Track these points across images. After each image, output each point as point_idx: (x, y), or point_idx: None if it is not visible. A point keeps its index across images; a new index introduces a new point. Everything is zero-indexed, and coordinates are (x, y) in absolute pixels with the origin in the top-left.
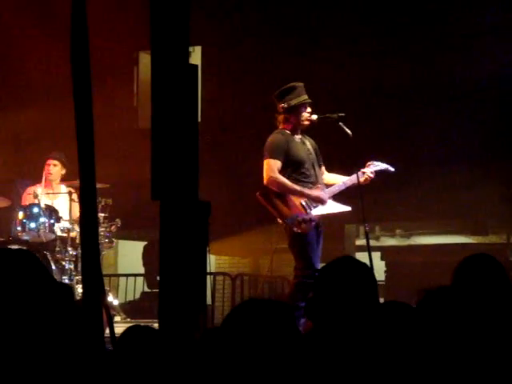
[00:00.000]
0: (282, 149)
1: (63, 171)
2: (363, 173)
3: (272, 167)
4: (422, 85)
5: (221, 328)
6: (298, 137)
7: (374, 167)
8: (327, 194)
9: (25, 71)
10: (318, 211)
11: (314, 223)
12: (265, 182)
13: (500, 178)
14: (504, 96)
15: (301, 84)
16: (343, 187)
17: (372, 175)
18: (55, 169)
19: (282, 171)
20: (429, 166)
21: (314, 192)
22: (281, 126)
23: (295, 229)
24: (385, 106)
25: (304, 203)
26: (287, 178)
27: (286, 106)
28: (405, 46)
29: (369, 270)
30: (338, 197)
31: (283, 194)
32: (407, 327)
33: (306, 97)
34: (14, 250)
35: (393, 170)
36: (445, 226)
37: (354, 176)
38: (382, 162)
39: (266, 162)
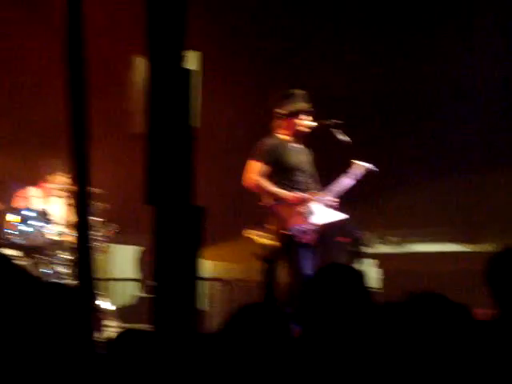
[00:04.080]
0: (269, 153)
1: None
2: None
3: (252, 168)
4: (413, 91)
5: (220, 333)
6: (294, 144)
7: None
8: (322, 203)
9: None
10: (317, 220)
11: (316, 232)
12: (243, 182)
13: (494, 186)
14: (495, 102)
15: (300, 92)
16: (334, 194)
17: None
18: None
19: (273, 176)
20: (422, 174)
21: (292, 194)
22: (277, 131)
23: (297, 239)
24: (377, 113)
25: (303, 212)
26: (276, 183)
27: (283, 112)
28: (396, 52)
29: (359, 275)
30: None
31: (282, 203)
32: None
33: (304, 105)
34: None
35: (376, 169)
36: (439, 233)
37: (345, 180)
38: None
39: (248, 162)
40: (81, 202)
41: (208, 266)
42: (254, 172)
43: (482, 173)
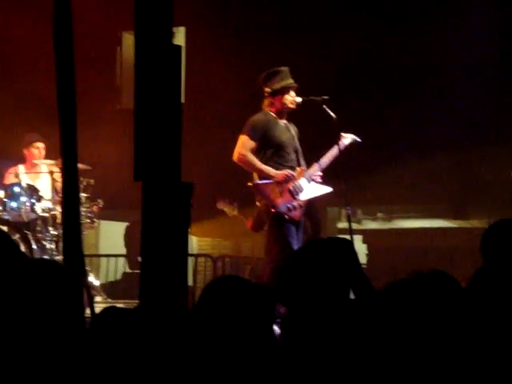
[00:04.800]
0: (260, 129)
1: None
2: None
3: (244, 144)
4: (405, 68)
5: (196, 307)
6: (282, 121)
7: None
8: (309, 178)
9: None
10: (304, 196)
11: (303, 208)
12: (233, 157)
13: (481, 163)
14: (484, 82)
15: (285, 68)
16: (320, 168)
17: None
18: (43, 151)
19: (261, 152)
20: (410, 150)
21: (280, 171)
22: (266, 109)
23: (286, 216)
24: (367, 89)
25: (292, 189)
26: (266, 160)
27: (269, 90)
28: (389, 29)
29: (349, 244)
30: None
31: (270, 181)
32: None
33: (290, 81)
34: None
35: (359, 140)
36: (426, 209)
37: (330, 152)
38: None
39: (239, 137)
40: (69, 178)
41: (195, 242)
42: (244, 147)
43: (468, 149)
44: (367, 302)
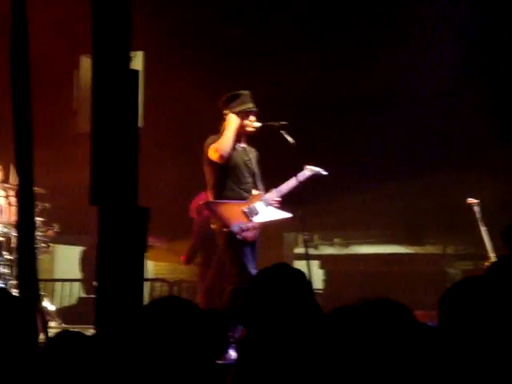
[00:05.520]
0: None
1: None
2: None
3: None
4: (362, 95)
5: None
6: (240, 145)
7: (305, 173)
8: (266, 203)
9: None
10: (260, 218)
11: (256, 231)
12: (216, 154)
13: (436, 189)
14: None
15: (246, 92)
16: (279, 194)
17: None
18: (0, 174)
19: (220, 174)
20: (367, 176)
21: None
22: (223, 132)
23: (239, 236)
24: (325, 115)
25: (246, 210)
26: (222, 181)
27: (229, 112)
28: (346, 55)
29: (303, 275)
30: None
31: (226, 202)
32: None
33: (250, 105)
34: None
35: (326, 173)
36: (382, 235)
37: (291, 181)
38: (316, 166)
39: (211, 147)
40: (24, 202)
41: (151, 267)
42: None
43: (423, 176)
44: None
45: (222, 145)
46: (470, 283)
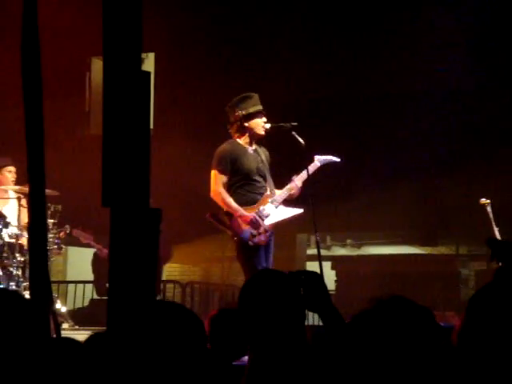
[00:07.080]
0: (226, 161)
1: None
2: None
3: (216, 180)
4: (373, 96)
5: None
6: (251, 147)
7: (316, 164)
8: (276, 203)
9: None
10: (270, 220)
11: (268, 233)
12: (210, 193)
13: (450, 189)
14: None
15: (255, 94)
16: (287, 194)
17: (298, 187)
18: (14, 175)
19: (230, 180)
20: (380, 177)
21: (248, 213)
22: (235, 136)
23: (251, 243)
24: (337, 117)
25: (254, 218)
26: (236, 188)
27: (243, 113)
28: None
29: (287, 280)
30: (288, 205)
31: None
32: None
33: (260, 107)
34: None
35: (338, 159)
36: (395, 236)
37: (303, 173)
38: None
39: (212, 172)
40: (36, 204)
41: (164, 268)
42: (217, 184)
43: (436, 176)
44: (337, 335)
45: (214, 197)
46: (502, 285)
